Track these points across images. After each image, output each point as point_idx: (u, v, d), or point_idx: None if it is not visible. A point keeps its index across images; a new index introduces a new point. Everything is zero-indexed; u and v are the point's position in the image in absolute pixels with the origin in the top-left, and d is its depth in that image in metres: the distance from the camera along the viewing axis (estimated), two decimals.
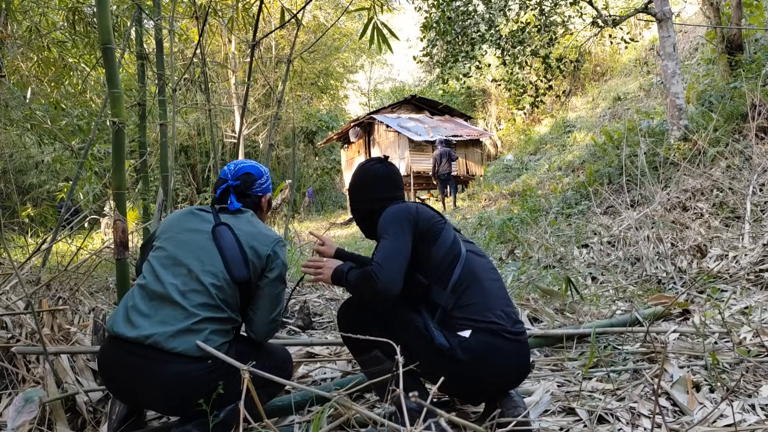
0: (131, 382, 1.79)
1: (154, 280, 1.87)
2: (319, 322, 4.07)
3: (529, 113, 22.73)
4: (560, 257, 5.30)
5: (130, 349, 1.77)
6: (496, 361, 1.84)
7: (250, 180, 2.13)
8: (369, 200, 2.17)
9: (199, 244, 1.93)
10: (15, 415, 1.71)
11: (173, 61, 4.06)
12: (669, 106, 7.83)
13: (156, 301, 1.83)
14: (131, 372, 1.77)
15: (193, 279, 1.85)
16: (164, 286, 1.84)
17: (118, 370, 1.81)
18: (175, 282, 1.84)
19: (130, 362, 1.77)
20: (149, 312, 1.81)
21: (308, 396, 2.18)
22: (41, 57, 7.16)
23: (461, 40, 10.60)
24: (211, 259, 1.90)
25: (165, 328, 1.76)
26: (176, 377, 1.74)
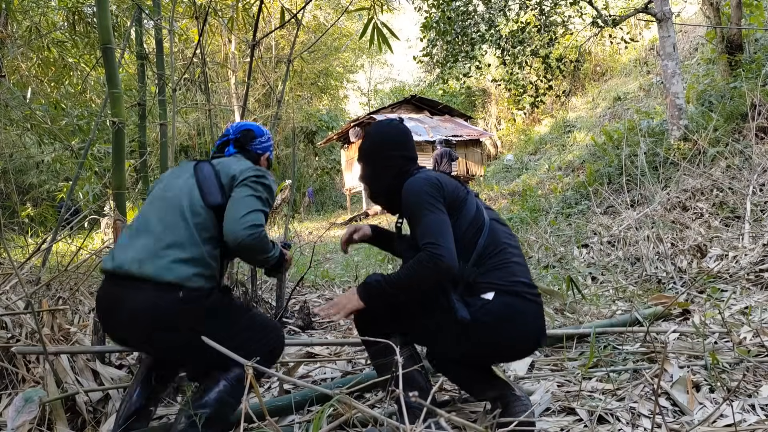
0: (113, 314, 1.83)
1: (137, 218, 1.95)
2: (319, 322, 4.08)
3: (529, 113, 22.73)
4: (560, 257, 5.30)
5: (111, 282, 1.85)
6: (519, 322, 1.84)
7: (249, 135, 2.18)
8: (401, 158, 2.02)
9: (180, 181, 1.98)
10: (15, 415, 1.71)
11: (173, 61, 4.06)
12: (669, 106, 7.83)
13: (135, 234, 1.89)
14: (112, 303, 1.83)
15: (170, 208, 1.90)
16: (144, 219, 1.91)
17: (104, 304, 1.87)
18: (153, 215, 1.91)
19: (111, 293, 1.84)
20: (128, 243, 1.87)
21: (308, 396, 2.18)
22: (41, 57, 7.17)
23: (461, 40, 10.60)
24: (189, 189, 1.93)
25: (138, 255, 1.80)
26: (146, 304, 1.76)
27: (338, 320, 1.90)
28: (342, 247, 2.19)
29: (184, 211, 1.87)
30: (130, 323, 1.79)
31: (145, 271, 1.77)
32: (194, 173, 1.98)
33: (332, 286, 5.38)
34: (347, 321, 4.07)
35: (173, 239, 1.82)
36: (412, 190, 1.88)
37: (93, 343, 2.35)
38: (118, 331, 1.87)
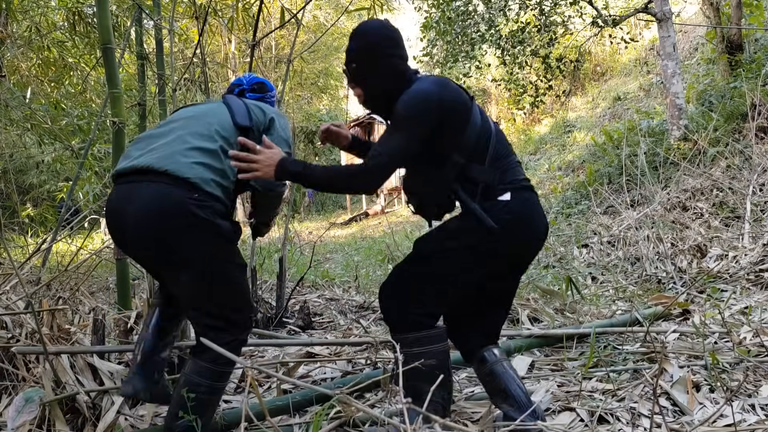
0: (120, 215, 1.78)
1: (157, 126, 1.95)
2: (319, 322, 4.07)
3: (529, 113, 22.73)
4: (560, 257, 5.31)
5: (123, 180, 1.80)
6: (535, 213, 1.91)
7: (265, 88, 2.25)
8: (399, 57, 1.90)
9: (206, 106, 2.03)
10: (15, 414, 1.71)
11: (173, 61, 4.06)
12: (669, 106, 7.83)
13: (154, 137, 1.88)
14: (122, 200, 1.78)
15: (198, 120, 1.91)
16: (166, 128, 1.91)
17: (113, 204, 1.82)
18: (177, 125, 1.90)
19: (123, 190, 1.80)
20: (145, 145, 1.85)
21: (308, 396, 2.18)
22: (41, 57, 7.17)
23: (461, 40, 10.60)
24: (218, 109, 1.98)
25: (160, 153, 1.79)
26: (158, 195, 1.72)
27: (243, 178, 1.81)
28: (320, 136, 2.12)
29: (212, 124, 1.89)
30: (137, 219, 1.73)
31: (164, 165, 1.74)
32: (223, 100, 2.04)
33: (332, 286, 5.38)
34: (347, 321, 4.07)
35: (199, 144, 1.82)
36: (407, 104, 1.80)
37: (93, 343, 2.35)
38: (125, 234, 1.80)
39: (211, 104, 2.05)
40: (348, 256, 7.89)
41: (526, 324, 3.28)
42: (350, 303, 4.62)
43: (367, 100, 1.94)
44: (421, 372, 1.67)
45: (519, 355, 2.64)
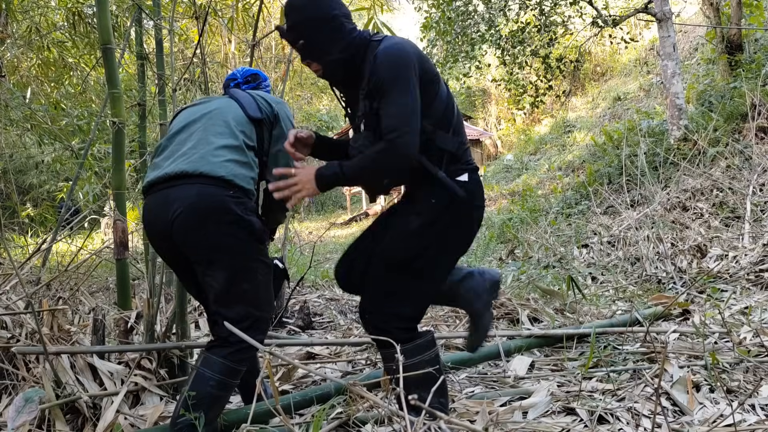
0: (160, 219, 1.83)
1: (176, 132, 1.99)
2: (319, 322, 4.08)
3: (529, 113, 22.73)
4: (560, 257, 5.31)
5: (156, 189, 1.87)
6: (482, 192, 1.89)
7: (258, 78, 2.33)
8: (344, 17, 1.76)
9: (214, 103, 2.06)
10: (15, 415, 1.71)
11: (173, 61, 4.06)
12: (669, 106, 7.83)
13: (178, 144, 1.93)
14: (158, 207, 1.85)
15: (214, 120, 1.96)
16: (185, 130, 1.97)
17: (151, 206, 1.88)
18: (195, 129, 1.95)
19: (160, 195, 1.85)
20: (171, 153, 1.92)
21: (308, 396, 2.18)
22: (41, 57, 7.17)
23: (461, 40, 10.59)
24: (229, 105, 2.03)
25: (190, 158, 1.85)
26: (199, 195, 1.79)
27: (291, 205, 1.79)
28: (289, 148, 1.86)
29: (229, 121, 1.95)
30: (183, 218, 1.79)
31: (198, 168, 1.81)
32: (230, 96, 2.09)
33: (332, 286, 5.37)
34: (347, 321, 4.08)
35: (224, 142, 1.88)
36: (389, 64, 1.67)
37: (93, 343, 2.35)
38: (169, 237, 1.84)
39: (217, 100, 2.08)
40: None
41: (526, 324, 3.28)
42: (350, 303, 4.62)
43: (328, 72, 1.80)
44: (415, 382, 1.66)
45: (519, 355, 2.64)
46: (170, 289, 3.91)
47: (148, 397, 2.22)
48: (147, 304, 2.43)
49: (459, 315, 3.53)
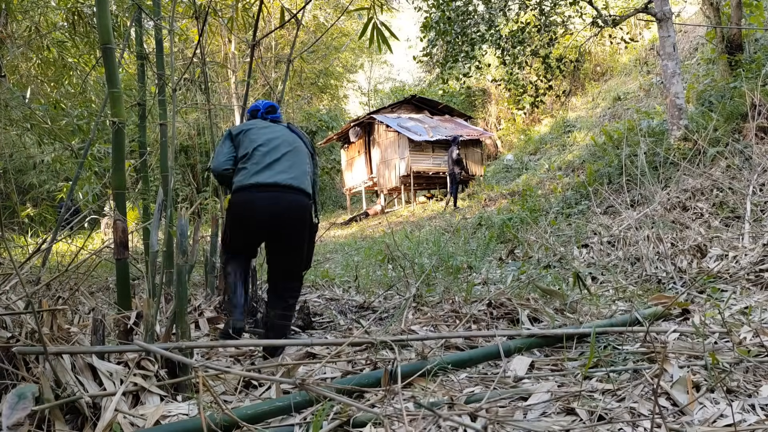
0: (275, 207, 3.06)
1: (267, 151, 3.17)
2: (319, 322, 4.08)
3: (529, 113, 22.73)
4: (560, 257, 5.31)
5: (265, 188, 3.06)
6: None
7: (275, 109, 3.52)
8: None
9: (287, 134, 3.32)
10: (9, 412, 1.70)
11: (173, 61, 4.06)
12: (669, 106, 7.83)
13: (276, 162, 3.14)
14: (272, 199, 3.06)
15: (298, 152, 3.26)
16: (276, 150, 3.18)
17: (264, 201, 3.06)
18: (288, 151, 3.21)
19: (271, 196, 3.06)
20: (271, 167, 3.11)
21: (308, 396, 2.17)
22: (41, 57, 7.17)
23: (461, 40, 10.60)
24: (294, 137, 3.32)
25: (291, 176, 3.13)
26: (299, 200, 3.13)
27: None
28: None
29: (305, 156, 3.29)
30: (289, 212, 3.09)
31: (299, 184, 3.13)
32: (290, 129, 3.38)
33: (332, 286, 5.38)
34: (347, 321, 4.08)
35: (306, 169, 3.23)
36: None
37: (93, 343, 2.35)
38: (276, 220, 3.07)
39: (286, 132, 3.32)
40: (348, 256, 7.89)
41: (526, 324, 3.28)
42: (350, 303, 4.62)
43: None
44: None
45: (519, 355, 2.64)
46: (170, 289, 3.91)
47: (148, 397, 2.22)
48: (147, 304, 2.43)
49: (459, 315, 3.53)
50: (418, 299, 3.95)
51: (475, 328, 3.32)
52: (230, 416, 1.93)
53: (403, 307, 3.69)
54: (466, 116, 21.57)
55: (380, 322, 3.91)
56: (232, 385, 2.51)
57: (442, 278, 4.69)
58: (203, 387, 1.85)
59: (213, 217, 4.36)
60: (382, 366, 2.50)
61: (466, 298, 3.84)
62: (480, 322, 3.39)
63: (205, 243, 4.76)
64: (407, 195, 18.49)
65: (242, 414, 2.01)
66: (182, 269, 2.50)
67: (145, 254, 4.26)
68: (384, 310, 4.19)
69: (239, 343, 2.93)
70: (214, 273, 4.25)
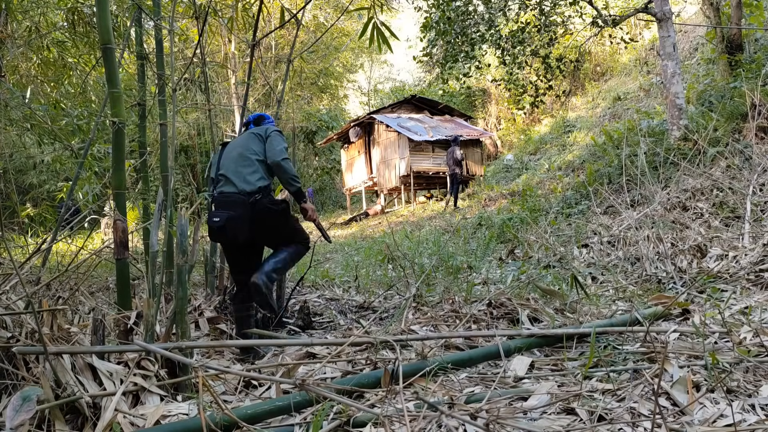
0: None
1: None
2: (319, 322, 4.08)
3: (529, 113, 22.73)
4: (560, 257, 5.31)
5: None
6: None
7: (261, 118, 3.77)
8: None
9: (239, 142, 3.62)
10: (13, 414, 1.71)
11: (173, 61, 4.06)
12: (669, 106, 7.83)
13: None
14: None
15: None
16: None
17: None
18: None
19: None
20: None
21: (308, 396, 2.17)
22: (41, 57, 7.16)
23: (461, 40, 10.60)
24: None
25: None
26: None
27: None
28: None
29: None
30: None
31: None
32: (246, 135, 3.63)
33: (332, 286, 5.38)
34: (347, 321, 4.08)
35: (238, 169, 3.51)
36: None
37: (93, 343, 2.35)
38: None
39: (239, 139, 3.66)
40: (348, 256, 7.89)
41: (526, 324, 3.28)
42: (350, 303, 4.62)
43: None
44: None
45: (519, 355, 2.64)
46: (170, 289, 3.91)
47: (148, 397, 2.22)
48: (147, 304, 2.43)
49: (459, 315, 3.53)
50: (418, 299, 3.95)
51: (475, 328, 3.32)
52: (230, 416, 1.93)
53: (403, 307, 3.69)
54: (466, 116, 21.57)
55: (380, 322, 3.91)
56: (232, 385, 2.51)
57: (442, 278, 4.69)
58: (203, 387, 1.85)
59: None
60: (382, 366, 2.50)
61: (466, 298, 3.84)
62: (480, 322, 3.39)
63: (205, 243, 4.76)
64: (407, 195, 18.49)
65: (242, 414, 2.00)
66: (182, 269, 2.50)
67: (145, 254, 4.26)
68: (384, 310, 4.19)
69: (240, 344, 2.93)
70: (214, 273, 4.25)
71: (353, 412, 1.97)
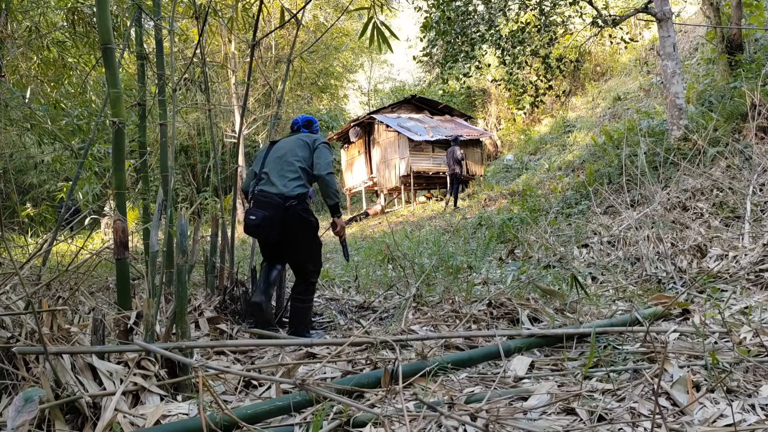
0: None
1: None
2: (319, 322, 4.08)
3: (529, 113, 22.73)
4: (560, 257, 5.31)
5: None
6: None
7: (311, 123, 3.96)
8: None
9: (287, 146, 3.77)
10: (15, 414, 1.71)
11: (173, 61, 4.06)
12: (669, 106, 7.83)
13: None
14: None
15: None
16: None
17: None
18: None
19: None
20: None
21: (308, 396, 2.17)
22: (41, 57, 7.17)
23: (461, 40, 10.60)
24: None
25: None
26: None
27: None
28: None
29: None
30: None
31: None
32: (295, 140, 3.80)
33: (332, 286, 5.37)
34: (347, 321, 4.08)
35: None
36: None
37: (93, 343, 2.35)
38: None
39: (284, 143, 3.87)
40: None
41: (526, 324, 3.28)
42: (350, 303, 4.62)
43: None
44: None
45: (519, 355, 2.64)
46: (170, 289, 3.91)
47: (148, 397, 2.22)
48: (147, 304, 2.43)
49: (459, 315, 3.53)
50: (418, 299, 3.95)
51: (475, 328, 3.32)
52: (230, 416, 1.93)
53: (403, 307, 3.69)
54: (466, 116, 21.56)
55: (380, 322, 3.91)
56: (232, 385, 2.51)
57: (442, 278, 4.69)
58: (203, 387, 1.85)
59: (213, 217, 4.36)
60: (382, 366, 2.50)
61: (466, 298, 3.84)
62: (480, 322, 3.39)
63: (205, 243, 4.76)
64: (407, 195, 18.49)
65: (242, 414, 2.00)
66: (182, 269, 2.50)
67: (145, 254, 4.26)
68: (384, 310, 4.19)
69: (239, 343, 2.93)
70: (214, 273, 4.25)
71: (353, 412, 1.97)
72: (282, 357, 2.97)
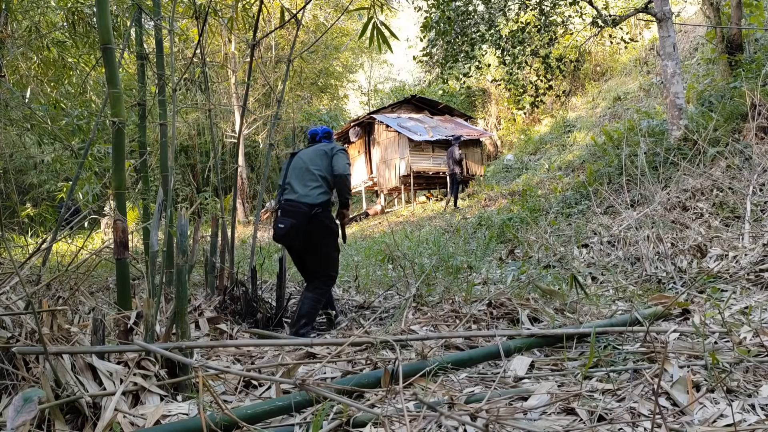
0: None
1: None
2: (319, 322, 4.08)
3: (529, 113, 22.73)
4: (560, 257, 5.31)
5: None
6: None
7: (329, 134, 4.18)
8: None
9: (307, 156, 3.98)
10: (14, 414, 1.71)
11: (173, 61, 4.06)
12: (669, 106, 7.83)
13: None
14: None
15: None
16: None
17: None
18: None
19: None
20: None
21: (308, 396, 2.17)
22: (41, 57, 7.17)
23: (461, 40, 10.60)
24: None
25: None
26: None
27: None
28: None
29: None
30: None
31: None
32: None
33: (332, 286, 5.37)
34: (347, 320, 4.08)
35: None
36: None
37: (93, 343, 2.35)
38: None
39: (304, 155, 4.05)
40: (348, 256, 7.88)
41: (526, 324, 3.28)
42: (350, 303, 4.62)
43: None
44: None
45: (519, 355, 2.64)
46: (170, 289, 3.91)
47: (148, 397, 2.22)
48: (147, 304, 2.43)
49: (459, 315, 3.53)
50: (418, 299, 3.95)
51: (475, 328, 3.32)
52: (230, 416, 1.93)
53: (403, 307, 3.69)
54: (466, 116, 21.56)
55: (380, 322, 3.91)
56: (232, 385, 2.51)
57: (442, 278, 4.69)
58: (203, 387, 1.85)
59: (213, 217, 4.36)
60: (382, 366, 2.50)
61: (466, 298, 3.84)
62: (480, 322, 3.39)
63: (205, 243, 4.76)
64: (407, 195, 18.49)
65: (242, 414, 2.00)
66: (182, 269, 2.50)
67: (145, 254, 4.26)
68: (384, 310, 4.19)
69: (239, 343, 2.94)
70: (214, 273, 4.25)
71: (353, 412, 1.97)
72: (282, 357, 2.97)
